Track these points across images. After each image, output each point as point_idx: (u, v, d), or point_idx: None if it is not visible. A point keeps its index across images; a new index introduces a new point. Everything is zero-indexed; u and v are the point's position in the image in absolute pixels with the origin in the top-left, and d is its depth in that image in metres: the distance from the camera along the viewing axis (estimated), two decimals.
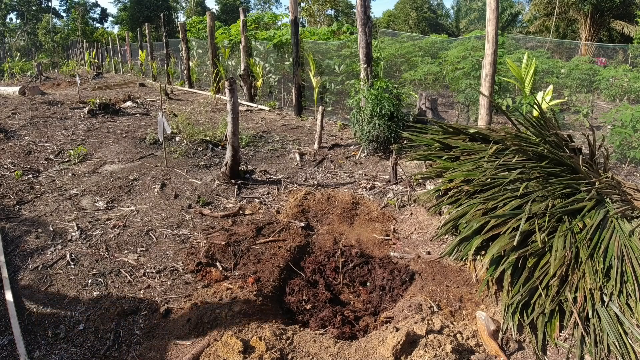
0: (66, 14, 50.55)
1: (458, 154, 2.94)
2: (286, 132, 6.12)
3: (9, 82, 14.83)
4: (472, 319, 2.04)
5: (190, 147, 5.05)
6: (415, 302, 2.14)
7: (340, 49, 8.12)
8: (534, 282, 2.01)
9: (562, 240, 2.11)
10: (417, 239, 2.85)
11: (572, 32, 25.15)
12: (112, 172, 4.21)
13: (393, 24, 35.41)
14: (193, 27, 14.85)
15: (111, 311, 2.12)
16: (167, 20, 12.39)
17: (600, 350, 1.79)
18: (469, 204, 2.48)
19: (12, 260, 2.54)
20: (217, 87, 9.82)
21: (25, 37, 47.44)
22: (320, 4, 30.33)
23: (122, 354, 1.86)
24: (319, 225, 3.10)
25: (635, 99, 7.98)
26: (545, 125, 2.91)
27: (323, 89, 7.32)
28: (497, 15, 4.08)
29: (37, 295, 2.23)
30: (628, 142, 4.35)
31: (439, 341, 1.76)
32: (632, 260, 2.01)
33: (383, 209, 3.29)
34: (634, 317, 1.84)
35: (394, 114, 4.72)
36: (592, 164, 2.75)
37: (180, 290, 2.29)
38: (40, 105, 7.39)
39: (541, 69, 7.82)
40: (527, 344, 1.91)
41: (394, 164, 3.85)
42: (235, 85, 3.86)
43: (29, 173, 4.08)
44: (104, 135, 5.71)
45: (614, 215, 2.27)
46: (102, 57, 24.76)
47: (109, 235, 2.85)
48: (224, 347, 1.73)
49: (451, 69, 7.70)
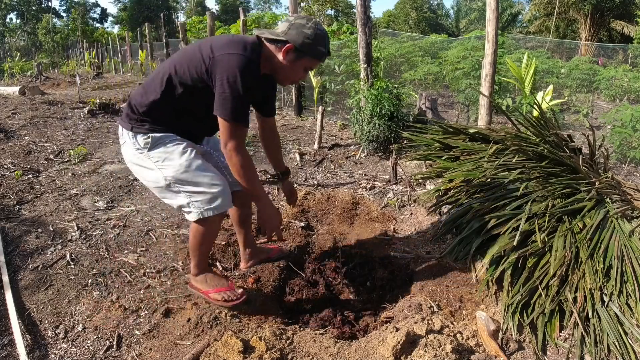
0: (66, 14, 50.56)
1: (458, 154, 2.95)
2: (286, 132, 6.12)
3: (9, 82, 14.84)
4: (472, 319, 2.04)
5: None
6: (415, 302, 2.14)
7: (340, 49, 8.12)
8: (534, 282, 2.01)
9: (562, 240, 2.12)
10: (417, 239, 2.85)
11: (572, 32, 25.16)
12: (112, 172, 4.21)
13: (393, 24, 35.40)
14: (193, 27, 14.85)
15: (111, 311, 2.12)
16: (167, 20, 12.38)
17: (600, 350, 1.79)
18: (469, 204, 2.48)
19: (12, 260, 2.54)
20: None
21: (25, 37, 47.45)
22: (320, 4, 30.30)
23: (122, 354, 1.87)
24: (319, 225, 3.10)
25: (635, 99, 7.98)
26: (545, 125, 2.92)
27: (323, 89, 7.32)
28: (497, 15, 4.08)
29: (37, 295, 2.23)
30: (628, 142, 4.35)
31: (439, 341, 1.76)
32: (632, 260, 2.01)
33: (383, 209, 3.29)
34: (634, 317, 1.84)
35: (394, 114, 4.72)
36: (592, 164, 2.75)
37: (180, 290, 2.29)
38: (40, 105, 7.39)
39: (541, 69, 7.82)
40: (527, 344, 1.91)
41: (394, 164, 3.85)
42: None
43: (29, 173, 4.08)
44: (104, 135, 5.71)
45: (614, 215, 2.27)
46: (102, 57, 24.76)
47: (109, 235, 2.85)
48: (224, 347, 1.73)
49: (451, 69, 7.70)
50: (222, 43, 1.83)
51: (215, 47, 1.81)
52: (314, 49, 1.85)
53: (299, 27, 1.82)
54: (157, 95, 1.87)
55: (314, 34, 1.82)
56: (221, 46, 1.81)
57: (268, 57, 1.88)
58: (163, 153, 1.90)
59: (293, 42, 1.82)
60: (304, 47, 1.83)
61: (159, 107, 1.89)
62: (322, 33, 1.85)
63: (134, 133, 1.91)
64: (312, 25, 1.83)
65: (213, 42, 1.85)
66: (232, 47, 1.79)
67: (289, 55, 1.85)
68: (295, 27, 1.82)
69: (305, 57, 1.87)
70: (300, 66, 1.90)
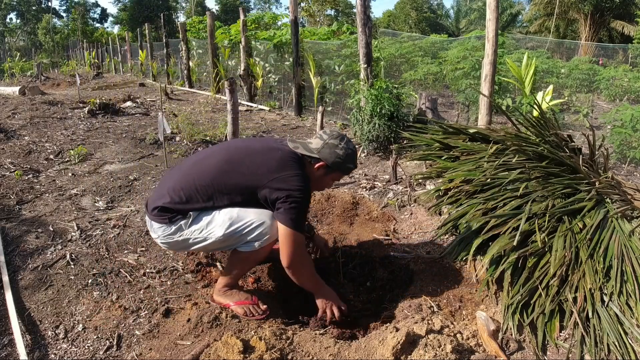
0: (66, 14, 50.57)
1: (458, 154, 2.94)
2: (286, 132, 6.12)
3: (9, 82, 14.84)
4: (472, 319, 2.04)
5: (191, 147, 5.06)
6: (415, 302, 2.14)
7: (340, 49, 8.12)
8: (534, 282, 2.01)
9: (562, 240, 2.11)
10: (417, 239, 2.85)
11: (572, 32, 25.17)
12: (112, 172, 4.21)
13: (393, 24, 35.42)
14: (193, 27, 14.85)
15: (111, 311, 2.12)
16: (167, 20, 12.39)
17: (600, 350, 1.79)
18: (469, 204, 2.48)
19: (12, 260, 2.54)
20: (217, 87, 9.82)
21: (25, 37, 47.47)
22: (320, 4, 30.34)
23: (122, 354, 1.87)
24: (319, 225, 3.10)
25: (635, 99, 7.98)
26: (545, 125, 2.92)
27: (323, 89, 7.32)
28: (497, 15, 4.08)
29: (37, 295, 2.23)
30: (628, 142, 4.35)
31: (439, 341, 1.76)
32: (632, 260, 2.01)
33: (383, 209, 3.29)
34: (634, 317, 1.84)
35: (394, 114, 4.71)
36: (592, 164, 2.75)
37: (180, 290, 2.29)
38: (40, 105, 7.39)
39: (541, 69, 7.82)
40: (527, 344, 1.91)
41: (394, 164, 3.85)
42: (235, 85, 3.86)
43: (29, 173, 4.08)
44: (104, 135, 5.71)
45: (614, 215, 2.27)
46: (102, 57, 24.77)
47: (109, 235, 2.85)
48: (224, 347, 1.73)
49: (451, 69, 7.70)
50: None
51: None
52: (343, 166, 2.04)
53: (332, 147, 1.99)
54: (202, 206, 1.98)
55: (345, 154, 2.00)
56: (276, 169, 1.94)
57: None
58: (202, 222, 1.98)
59: (325, 161, 2.00)
60: (335, 165, 2.01)
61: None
62: (352, 152, 2.05)
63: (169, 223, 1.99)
64: (344, 145, 2.01)
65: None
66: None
67: (320, 171, 2.04)
68: (329, 146, 1.99)
69: (335, 172, 2.08)
70: (329, 179, 2.12)
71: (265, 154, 1.99)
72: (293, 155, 2.01)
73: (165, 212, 1.97)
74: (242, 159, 1.98)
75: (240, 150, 2.05)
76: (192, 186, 1.96)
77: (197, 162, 2.07)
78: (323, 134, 2.03)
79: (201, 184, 1.96)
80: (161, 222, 1.98)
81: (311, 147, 2.02)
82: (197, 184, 1.96)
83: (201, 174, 1.98)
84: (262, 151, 2.02)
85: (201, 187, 1.95)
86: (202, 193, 1.95)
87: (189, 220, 1.96)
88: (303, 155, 2.01)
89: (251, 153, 2.01)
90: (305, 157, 2.01)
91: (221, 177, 1.95)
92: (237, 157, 2.00)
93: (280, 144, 2.07)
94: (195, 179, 1.97)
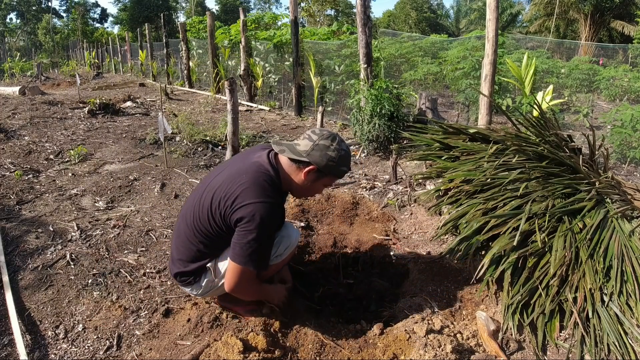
0: (66, 14, 50.58)
1: (458, 154, 2.94)
2: (286, 132, 6.12)
3: (9, 82, 14.84)
4: (472, 319, 2.04)
5: (190, 147, 5.05)
6: (415, 302, 2.14)
7: (340, 49, 8.12)
8: (534, 282, 2.01)
9: (562, 240, 2.11)
10: (417, 239, 2.85)
11: (572, 32, 25.17)
12: (112, 172, 4.21)
13: (393, 24, 35.43)
14: (193, 27, 14.84)
15: (111, 311, 2.12)
16: (167, 20, 12.39)
17: (600, 350, 1.79)
18: (469, 204, 2.48)
19: (12, 260, 2.54)
20: (217, 87, 9.83)
21: (25, 37, 47.48)
22: (320, 4, 30.34)
23: (122, 354, 1.86)
24: (319, 225, 3.10)
25: (635, 99, 7.98)
26: (545, 125, 2.91)
27: (323, 89, 7.32)
28: (497, 15, 4.08)
29: (37, 295, 2.23)
30: (628, 142, 4.35)
31: (439, 341, 1.76)
32: (632, 260, 2.01)
33: (383, 209, 3.29)
34: (634, 317, 1.84)
35: (394, 114, 4.72)
36: (592, 164, 2.75)
37: (181, 290, 2.28)
38: (40, 105, 7.40)
39: (541, 69, 7.83)
40: (527, 344, 1.91)
41: (394, 164, 3.85)
42: (235, 85, 3.86)
43: (29, 173, 4.08)
44: (104, 135, 5.71)
45: (614, 215, 2.26)
46: (102, 57, 24.77)
47: (109, 235, 2.85)
48: (224, 347, 1.73)
49: (451, 69, 7.70)
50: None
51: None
52: (337, 170, 1.79)
53: (323, 148, 1.74)
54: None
55: (338, 156, 1.76)
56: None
57: (286, 179, 1.83)
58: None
59: (316, 165, 1.75)
60: (327, 168, 1.77)
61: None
62: (346, 153, 1.80)
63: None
64: (337, 146, 1.76)
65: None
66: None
67: (310, 176, 1.79)
68: (320, 148, 1.75)
69: (327, 177, 1.82)
70: (320, 184, 1.86)
71: (231, 182, 1.75)
72: (263, 164, 1.79)
73: (185, 276, 1.90)
74: (206, 204, 1.79)
75: (211, 190, 1.81)
76: (188, 244, 1.86)
77: (184, 214, 1.92)
78: (312, 134, 1.79)
79: (193, 240, 1.84)
80: (188, 286, 1.94)
81: (299, 149, 1.77)
82: (190, 240, 1.85)
83: (187, 229, 1.86)
84: (230, 178, 1.77)
85: (195, 242, 1.83)
86: (200, 246, 1.84)
87: (211, 272, 1.88)
88: (290, 160, 1.79)
89: (216, 189, 1.78)
90: (292, 161, 1.79)
91: (200, 229, 1.80)
92: (206, 201, 1.79)
93: (259, 157, 1.82)
94: (188, 235, 1.85)
